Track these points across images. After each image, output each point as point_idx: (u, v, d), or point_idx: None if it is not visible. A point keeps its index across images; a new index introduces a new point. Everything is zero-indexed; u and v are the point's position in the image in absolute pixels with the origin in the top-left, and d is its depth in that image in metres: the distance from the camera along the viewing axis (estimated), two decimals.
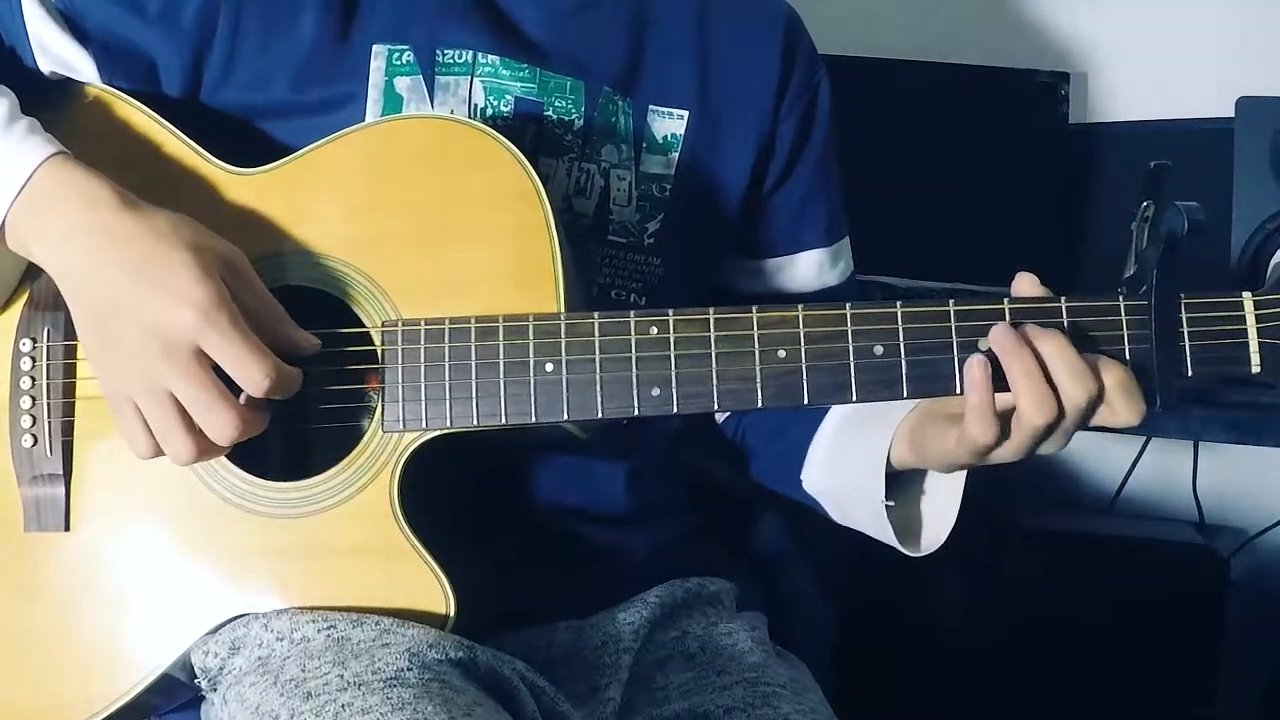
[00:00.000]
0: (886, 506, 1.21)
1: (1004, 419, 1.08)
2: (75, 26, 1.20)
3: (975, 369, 1.07)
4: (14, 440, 1.17)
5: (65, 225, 1.08)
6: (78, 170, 1.10)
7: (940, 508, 1.24)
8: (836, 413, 1.33)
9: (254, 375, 1.06)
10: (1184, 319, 1.09)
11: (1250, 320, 1.09)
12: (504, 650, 1.14)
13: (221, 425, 1.06)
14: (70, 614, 1.16)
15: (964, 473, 1.20)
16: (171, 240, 1.07)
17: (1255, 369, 1.09)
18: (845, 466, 1.28)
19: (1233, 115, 1.94)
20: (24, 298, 1.18)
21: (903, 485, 1.24)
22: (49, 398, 1.17)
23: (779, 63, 1.34)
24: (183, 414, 1.07)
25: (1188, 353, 1.09)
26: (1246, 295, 1.10)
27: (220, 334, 1.05)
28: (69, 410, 1.17)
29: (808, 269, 1.40)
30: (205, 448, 1.08)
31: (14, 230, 1.10)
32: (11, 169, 1.09)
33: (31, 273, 1.17)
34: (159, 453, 1.09)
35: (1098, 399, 1.06)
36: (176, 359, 1.06)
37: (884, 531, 1.24)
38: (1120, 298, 1.10)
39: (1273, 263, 1.12)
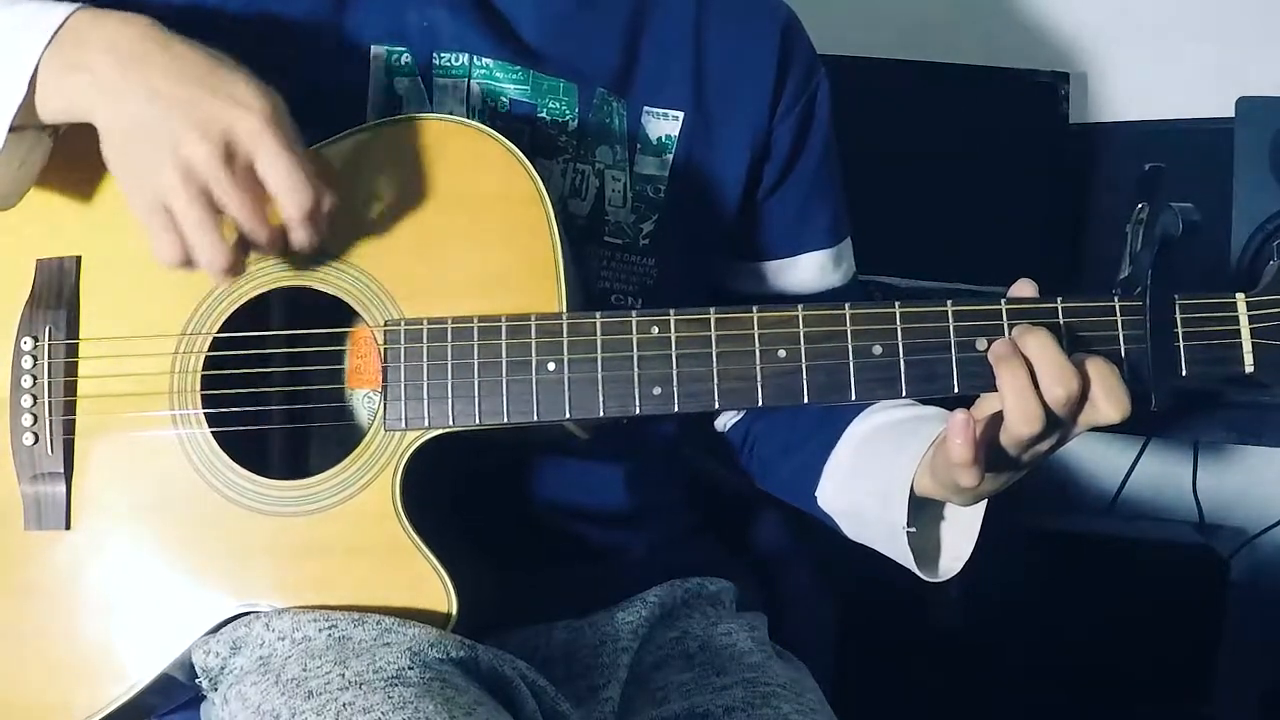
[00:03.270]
0: (907, 533, 1.22)
1: (992, 434, 1.09)
2: None
3: (958, 418, 1.07)
4: (15, 438, 1.17)
5: (113, 48, 1.06)
6: (117, 14, 1.08)
7: (959, 534, 1.24)
8: (854, 432, 1.33)
9: (302, 190, 1.04)
10: (1178, 319, 1.09)
11: (1244, 321, 1.10)
12: (503, 649, 1.14)
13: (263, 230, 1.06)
14: (70, 613, 1.16)
15: (984, 502, 1.20)
16: (227, 61, 1.07)
17: (1249, 369, 1.10)
18: (865, 490, 1.28)
19: (1233, 115, 1.94)
20: (26, 296, 1.18)
21: (922, 510, 1.24)
22: (50, 396, 1.17)
23: (774, 66, 1.34)
24: (217, 214, 1.05)
25: (1182, 353, 1.09)
26: (1240, 296, 1.10)
27: (279, 142, 1.04)
28: (70, 409, 1.17)
29: (810, 271, 1.40)
30: (239, 256, 1.07)
31: (45, 83, 1.07)
32: (43, 20, 1.07)
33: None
34: (185, 259, 1.07)
35: (1080, 397, 1.06)
36: (229, 166, 1.04)
37: (902, 556, 1.23)
38: (1115, 298, 1.10)
39: (1268, 267, 1.13)
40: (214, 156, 1.04)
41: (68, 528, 1.17)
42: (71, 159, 1.17)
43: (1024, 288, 1.12)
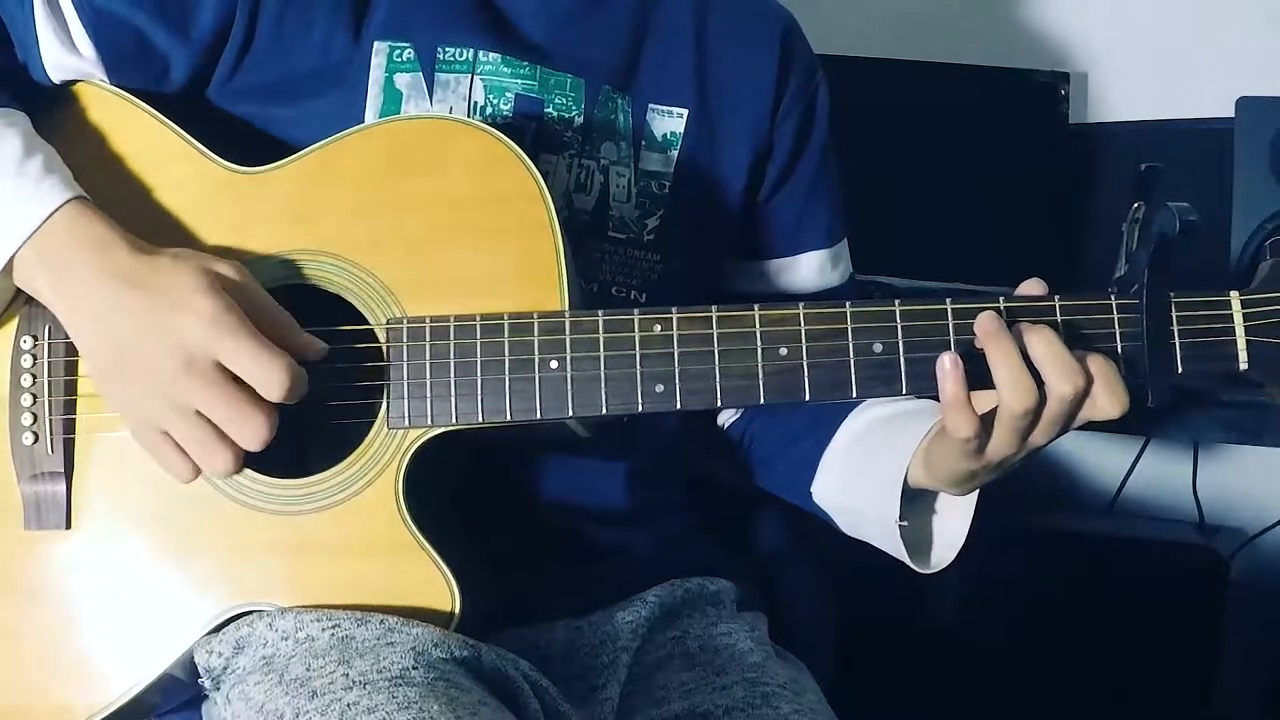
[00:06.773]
0: (900, 526, 1.22)
1: (988, 421, 1.09)
2: (91, 27, 1.18)
3: (946, 360, 1.07)
4: (15, 437, 1.17)
5: (82, 272, 1.09)
6: (94, 219, 1.11)
7: (951, 527, 1.25)
8: (848, 428, 1.34)
9: (273, 376, 1.06)
10: (1174, 317, 1.10)
11: (1238, 319, 1.11)
12: (503, 648, 1.14)
13: (255, 429, 1.08)
14: (71, 613, 1.16)
15: (975, 494, 1.21)
16: (175, 269, 1.09)
17: (1243, 366, 1.11)
18: (859, 485, 1.28)
19: (1233, 115, 1.94)
20: (24, 295, 1.17)
21: (915, 503, 1.24)
22: (50, 395, 1.17)
23: (775, 70, 1.35)
24: (214, 427, 1.08)
25: (1178, 350, 1.10)
26: (1234, 294, 1.11)
27: (234, 339, 1.06)
28: (70, 407, 1.17)
29: (809, 270, 1.41)
30: (240, 455, 1.09)
31: (21, 271, 1.11)
32: (23, 213, 1.10)
33: None
34: (198, 473, 1.11)
35: (1084, 393, 1.07)
36: (196, 374, 1.07)
37: (896, 549, 1.24)
38: (1112, 297, 1.11)
39: (1261, 266, 1.14)
40: (183, 379, 1.07)
41: (68, 527, 1.17)
42: (67, 159, 1.16)
43: (1032, 287, 1.12)
